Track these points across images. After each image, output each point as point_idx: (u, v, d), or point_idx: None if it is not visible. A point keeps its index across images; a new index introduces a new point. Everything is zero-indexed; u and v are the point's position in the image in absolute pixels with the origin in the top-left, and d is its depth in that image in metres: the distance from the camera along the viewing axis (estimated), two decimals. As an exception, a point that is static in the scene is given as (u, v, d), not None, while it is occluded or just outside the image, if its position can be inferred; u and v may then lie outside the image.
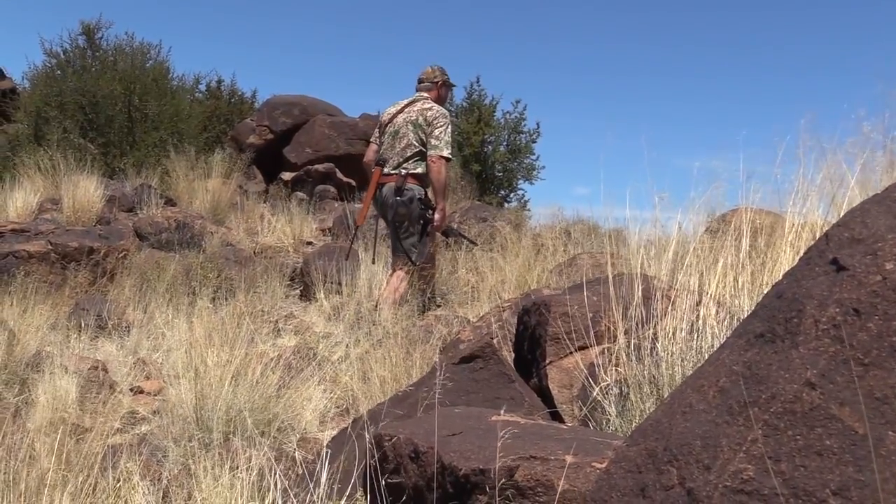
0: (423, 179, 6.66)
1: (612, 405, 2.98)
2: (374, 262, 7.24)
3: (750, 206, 3.82)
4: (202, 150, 13.14)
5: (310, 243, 10.20)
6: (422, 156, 6.57)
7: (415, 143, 6.57)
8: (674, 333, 2.97)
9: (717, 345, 2.65)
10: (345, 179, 13.53)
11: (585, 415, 3.08)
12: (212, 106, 17.01)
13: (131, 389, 4.83)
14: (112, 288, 7.31)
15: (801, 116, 3.64)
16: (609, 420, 2.98)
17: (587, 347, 3.37)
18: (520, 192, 16.63)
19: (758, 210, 3.89)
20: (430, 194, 6.76)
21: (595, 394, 3.03)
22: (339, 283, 7.19)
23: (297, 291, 7.98)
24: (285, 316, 6.75)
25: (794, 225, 3.31)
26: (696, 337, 2.96)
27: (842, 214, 1.96)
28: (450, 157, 6.58)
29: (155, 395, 4.74)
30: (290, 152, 13.92)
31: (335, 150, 13.79)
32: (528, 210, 15.12)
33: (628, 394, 2.95)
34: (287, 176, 13.71)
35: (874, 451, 1.48)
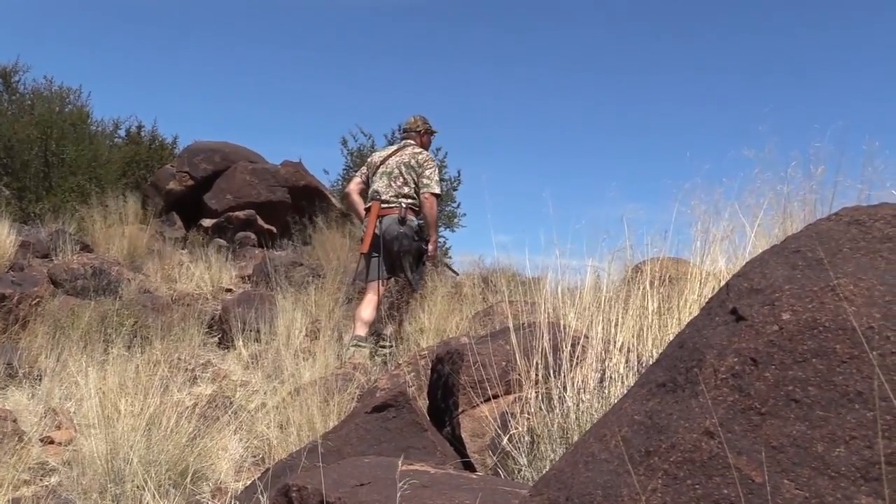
0: (415, 215, 7.18)
1: (523, 454, 3.00)
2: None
3: (664, 256, 3.92)
4: (121, 195, 12.90)
5: (229, 290, 10.07)
6: (415, 193, 7.14)
7: (410, 182, 7.15)
8: (584, 382, 3.01)
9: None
10: (266, 226, 13.41)
11: (496, 464, 3.09)
12: (131, 151, 16.66)
13: (41, 440, 4.70)
14: (24, 336, 7.10)
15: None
16: (520, 469, 2.99)
17: (499, 396, 3.38)
18: (441, 240, 16.60)
19: (672, 259, 3.99)
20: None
21: (504, 443, 3.04)
22: (258, 331, 7.15)
23: (216, 339, 7.88)
24: (202, 364, 6.65)
25: (700, 274, 3.41)
26: (606, 385, 3.00)
27: (743, 265, 2.02)
28: (440, 193, 7.28)
29: (66, 445, 4.62)
30: (211, 199, 13.72)
31: (256, 198, 13.65)
32: (450, 258, 15.12)
33: (538, 443, 2.98)
34: (207, 223, 13.50)
35: (770, 500, 1.50)
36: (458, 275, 8.73)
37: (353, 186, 7.59)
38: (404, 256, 7.04)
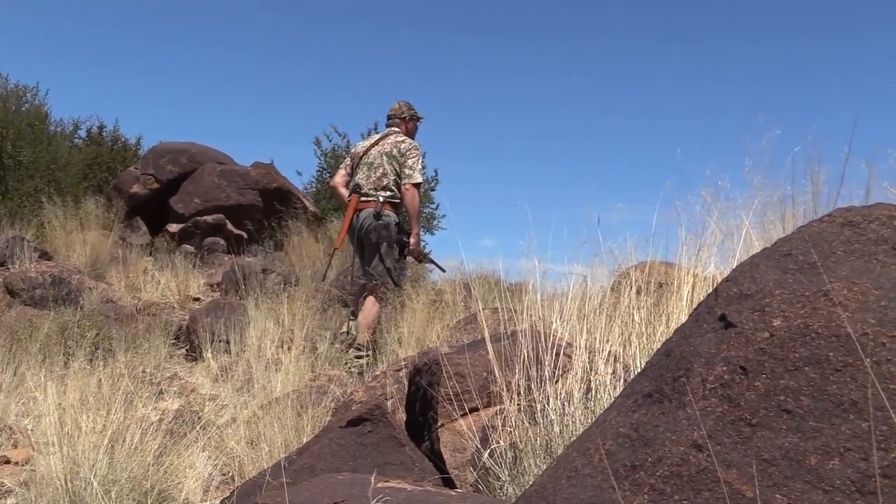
0: (396, 208, 7.11)
1: (505, 470, 2.92)
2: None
3: (654, 260, 3.85)
4: (82, 199, 12.69)
5: (197, 299, 10.00)
6: (396, 185, 7.04)
7: (390, 173, 7.03)
8: (569, 393, 2.94)
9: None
10: (235, 231, 13.28)
11: (477, 480, 3.02)
12: (93, 153, 16.50)
13: (-4, 459, 4.58)
14: (-23, 349, 6.95)
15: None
16: (502, 485, 2.92)
17: (479, 409, 3.33)
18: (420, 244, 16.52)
19: (663, 263, 3.92)
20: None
21: (485, 458, 2.97)
22: (228, 342, 7.05)
23: (183, 351, 7.79)
24: (169, 377, 6.58)
25: (690, 278, 3.34)
26: (591, 396, 2.93)
27: (733, 269, 1.96)
28: (421, 181, 7.16)
29: (22, 464, 4.51)
30: (178, 202, 13.56)
31: (225, 201, 13.51)
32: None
33: (521, 458, 2.90)
34: (174, 227, 13.35)
35: (761, 515, 1.46)
36: (444, 271, 8.60)
37: (339, 179, 7.50)
38: (381, 247, 6.96)
